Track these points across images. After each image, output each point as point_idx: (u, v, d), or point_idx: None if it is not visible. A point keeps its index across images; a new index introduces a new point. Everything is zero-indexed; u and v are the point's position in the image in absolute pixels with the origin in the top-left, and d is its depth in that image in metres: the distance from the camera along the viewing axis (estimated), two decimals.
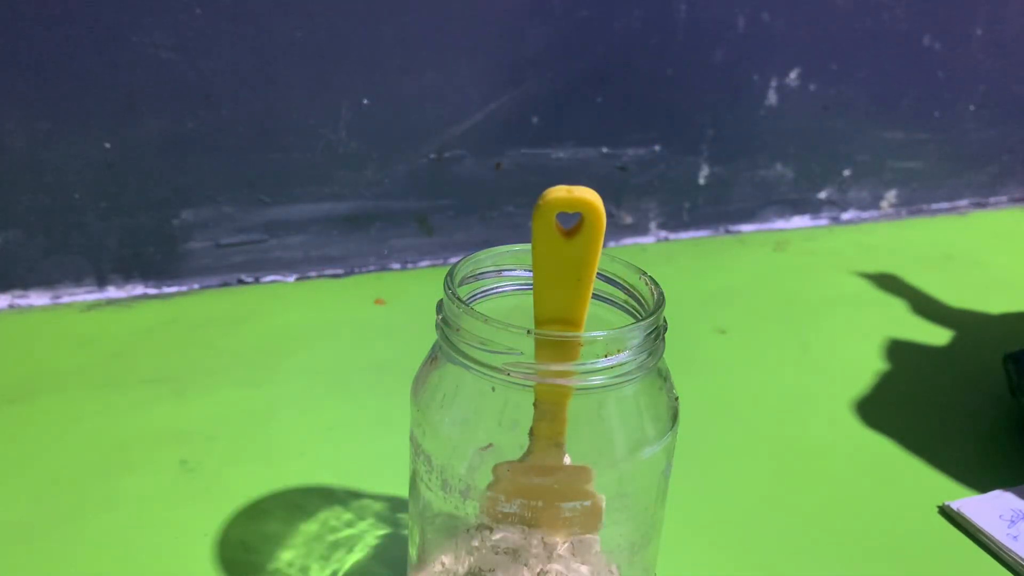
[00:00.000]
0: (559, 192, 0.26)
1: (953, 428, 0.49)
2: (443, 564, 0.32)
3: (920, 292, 0.64)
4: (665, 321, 0.30)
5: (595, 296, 0.32)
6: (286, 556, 0.38)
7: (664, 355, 0.30)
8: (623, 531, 0.31)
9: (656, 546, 0.33)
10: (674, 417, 0.31)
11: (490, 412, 0.29)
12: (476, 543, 0.30)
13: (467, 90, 0.61)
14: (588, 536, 0.30)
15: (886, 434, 0.48)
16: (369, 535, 0.39)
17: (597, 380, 0.28)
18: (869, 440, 0.48)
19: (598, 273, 0.32)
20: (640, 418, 0.30)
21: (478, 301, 0.31)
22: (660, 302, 0.29)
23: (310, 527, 0.39)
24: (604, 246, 0.30)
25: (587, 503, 0.29)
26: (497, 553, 0.30)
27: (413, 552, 0.34)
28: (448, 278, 0.30)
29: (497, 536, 0.30)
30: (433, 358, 0.31)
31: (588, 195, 0.26)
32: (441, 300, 0.29)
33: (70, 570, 0.37)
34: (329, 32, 0.56)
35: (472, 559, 0.31)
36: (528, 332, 0.27)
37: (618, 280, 0.32)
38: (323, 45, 0.57)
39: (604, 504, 0.29)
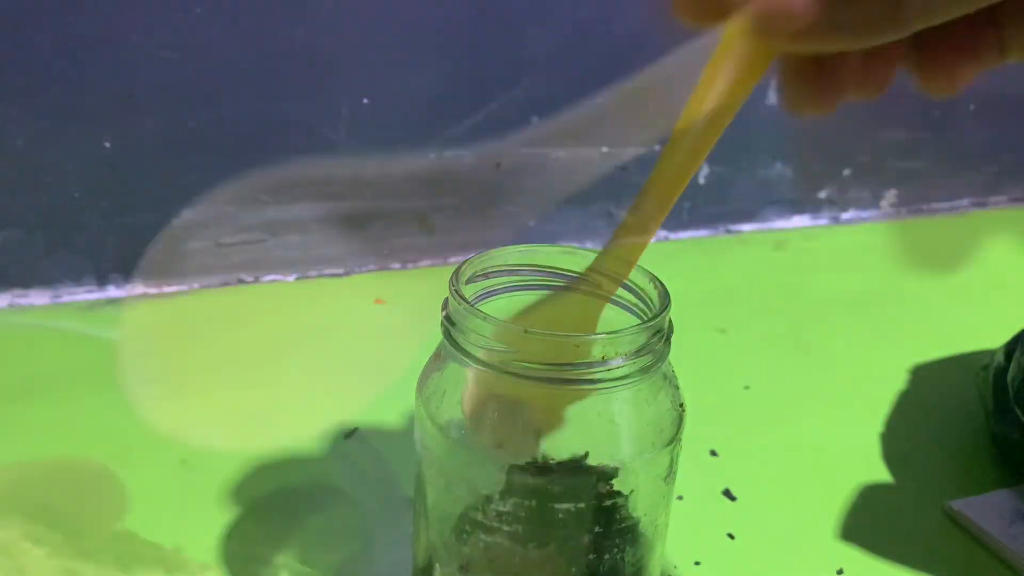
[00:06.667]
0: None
1: (954, 427, 0.49)
2: (446, 563, 0.32)
3: (920, 292, 0.64)
4: (671, 324, 0.30)
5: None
6: (286, 556, 0.38)
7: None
8: (626, 535, 0.31)
9: (661, 551, 0.33)
10: (678, 424, 0.31)
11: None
12: (478, 543, 0.30)
13: (467, 90, 0.61)
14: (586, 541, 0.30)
15: (887, 434, 0.48)
16: (371, 535, 0.39)
17: (596, 381, 0.28)
18: (870, 440, 0.48)
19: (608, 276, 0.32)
20: (643, 423, 0.30)
21: (486, 300, 0.31)
22: (664, 307, 0.29)
23: (311, 527, 0.39)
24: (604, 246, 0.30)
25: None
26: (498, 553, 0.30)
27: (417, 551, 0.34)
28: (454, 276, 0.30)
29: (498, 536, 0.30)
30: (437, 355, 0.31)
31: None
32: (447, 298, 0.29)
33: (69, 570, 0.37)
34: (329, 32, 0.56)
35: (474, 559, 0.31)
36: (526, 331, 0.27)
37: (626, 281, 0.31)
38: (323, 45, 0.57)
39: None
